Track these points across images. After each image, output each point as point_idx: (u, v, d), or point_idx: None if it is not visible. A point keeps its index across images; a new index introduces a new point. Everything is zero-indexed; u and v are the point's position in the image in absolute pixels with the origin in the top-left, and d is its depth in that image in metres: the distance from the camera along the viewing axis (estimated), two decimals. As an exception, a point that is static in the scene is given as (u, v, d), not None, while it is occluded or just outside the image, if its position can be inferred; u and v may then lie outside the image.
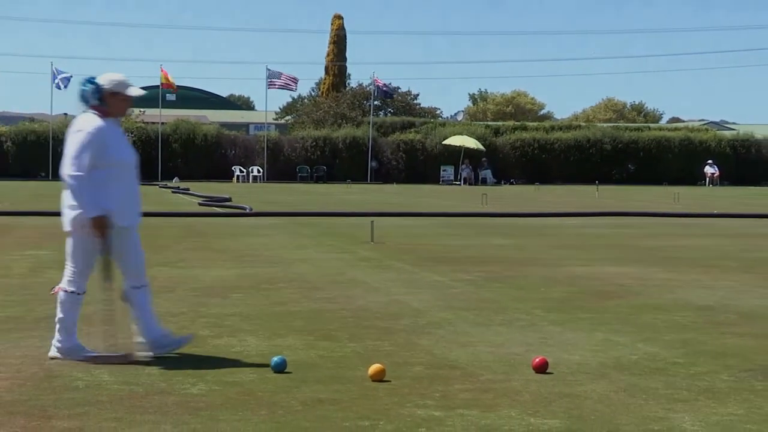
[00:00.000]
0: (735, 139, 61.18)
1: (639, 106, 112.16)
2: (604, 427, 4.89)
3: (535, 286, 10.43)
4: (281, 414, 5.09)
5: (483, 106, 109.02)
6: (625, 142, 58.94)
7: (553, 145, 58.50)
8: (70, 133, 6.47)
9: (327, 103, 67.81)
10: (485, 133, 58.69)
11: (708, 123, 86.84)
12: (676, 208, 27.96)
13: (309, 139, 57.25)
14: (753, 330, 7.82)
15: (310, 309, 8.62)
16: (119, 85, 6.55)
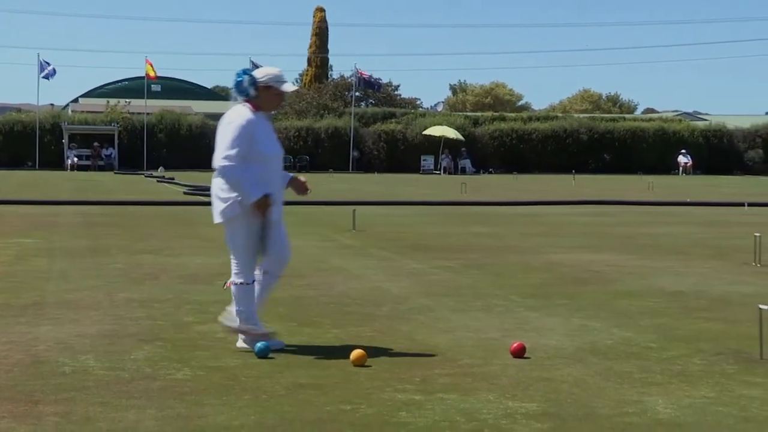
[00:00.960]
0: (707, 130, 61.61)
1: (614, 97, 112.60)
2: (580, 410, 4.99)
3: (513, 273, 10.56)
4: (265, 398, 5.18)
5: (462, 97, 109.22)
6: (601, 132, 59.26)
7: (530, 136, 58.75)
8: (222, 124, 6.41)
9: (309, 94, 67.84)
10: (464, 124, 58.88)
11: (681, 114, 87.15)
12: (650, 196, 28.16)
13: (292, 130, 57.28)
14: (724, 315, 7.97)
15: (293, 296, 8.72)
16: (274, 79, 6.48)
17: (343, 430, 4.60)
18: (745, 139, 60.46)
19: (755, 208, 23.35)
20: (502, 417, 4.84)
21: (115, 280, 9.71)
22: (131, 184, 33.73)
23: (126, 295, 8.77)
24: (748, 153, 59.58)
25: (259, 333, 6.38)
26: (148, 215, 18.81)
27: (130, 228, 15.96)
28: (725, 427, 4.70)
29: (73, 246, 13.01)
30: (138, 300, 8.48)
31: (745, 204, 23.84)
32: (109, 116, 55.83)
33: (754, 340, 6.35)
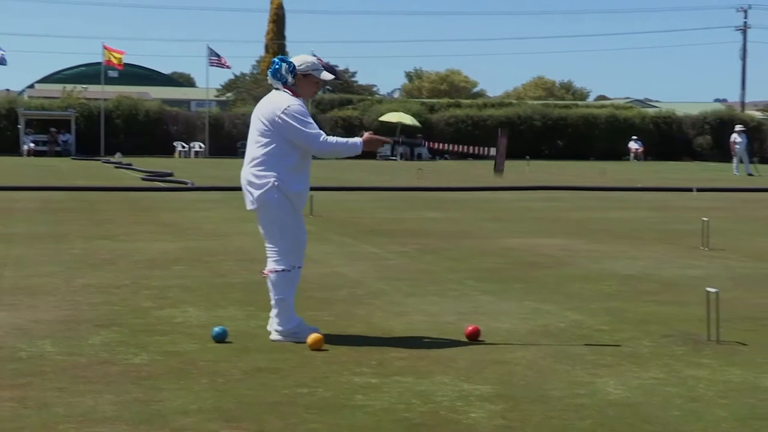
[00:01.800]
0: (658, 116, 62.23)
1: (567, 84, 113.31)
2: (533, 392, 5.09)
3: (468, 258, 10.66)
4: (222, 382, 5.22)
5: (418, 84, 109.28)
6: (555, 119, 59.61)
7: (485, 122, 58.92)
8: (266, 111, 6.32)
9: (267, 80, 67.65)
10: (421, 110, 58.95)
11: (632, 101, 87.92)
12: (602, 182, 28.41)
13: (250, 116, 56.89)
14: (673, 298, 8.11)
15: (251, 281, 8.76)
16: (312, 67, 6.43)
17: (300, 413, 4.66)
18: (694, 125, 61.09)
19: (704, 193, 23.66)
20: (457, 399, 4.92)
21: (73, 266, 9.68)
22: (88, 169, 33.42)
23: (84, 280, 8.76)
24: (697, 139, 60.22)
25: (310, 332, 6.19)
26: (106, 201, 18.71)
27: (87, 214, 15.87)
28: (673, 407, 4.82)
29: (30, 232, 12.93)
30: (96, 285, 8.47)
31: (694, 189, 24.15)
32: (66, 102, 55.25)
33: (702, 322, 6.48)
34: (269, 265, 6.34)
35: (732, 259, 10.80)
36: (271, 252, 6.35)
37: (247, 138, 6.49)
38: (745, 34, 72.22)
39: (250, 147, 6.38)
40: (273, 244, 6.34)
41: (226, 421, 4.51)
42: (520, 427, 4.46)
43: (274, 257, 6.32)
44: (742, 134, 37.82)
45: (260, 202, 6.30)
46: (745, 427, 4.48)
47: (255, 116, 6.42)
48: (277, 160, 6.25)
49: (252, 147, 6.36)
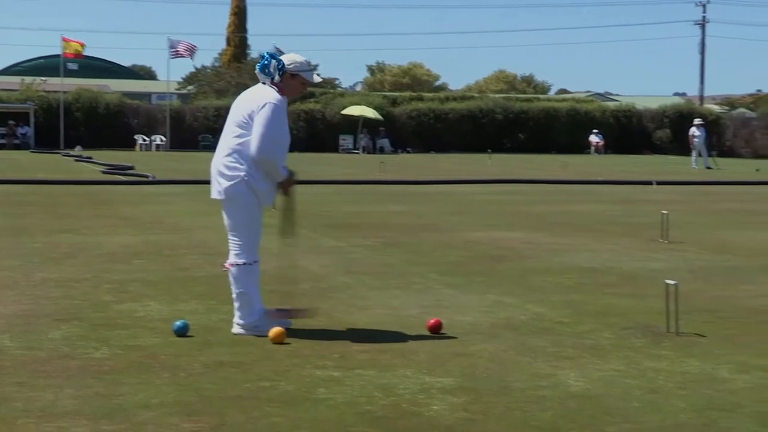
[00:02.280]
0: (618, 110, 62.75)
1: (529, 78, 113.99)
2: (495, 384, 5.12)
3: (431, 251, 10.69)
4: (184, 376, 5.21)
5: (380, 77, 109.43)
6: (516, 112, 59.88)
7: (447, 115, 59.09)
8: (248, 103, 6.26)
9: (229, 73, 67.36)
10: (383, 103, 58.96)
11: (593, 94, 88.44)
12: (563, 175, 28.61)
13: (211, 109, 56.85)
14: (633, 290, 8.19)
15: (213, 274, 8.72)
16: (301, 67, 6.36)
17: (262, 406, 4.66)
18: (653, 119, 61.62)
19: (663, 187, 23.89)
20: (419, 392, 4.94)
21: (33, 260, 9.61)
22: (48, 163, 33.14)
23: (44, 274, 8.69)
24: (657, 133, 60.74)
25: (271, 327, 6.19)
26: (66, 194, 18.57)
27: (47, 207, 15.74)
28: (633, 398, 4.86)
29: (-14, 226, 12.80)
30: (56, 279, 8.41)
31: (654, 182, 24.36)
32: (25, 94, 54.76)
33: (662, 314, 6.55)
34: (231, 258, 6.33)
35: (691, 251, 10.91)
36: (233, 245, 6.33)
37: (224, 128, 6.43)
38: (704, 29, 72.96)
39: (226, 137, 6.35)
40: (236, 238, 6.32)
41: (188, 415, 4.50)
42: (482, 420, 4.48)
43: (236, 250, 6.31)
44: (701, 128, 38.17)
45: (228, 195, 6.28)
46: (703, 417, 4.54)
47: (235, 107, 6.38)
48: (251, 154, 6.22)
49: (227, 137, 6.33)
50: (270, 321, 6.30)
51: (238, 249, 6.30)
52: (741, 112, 73.76)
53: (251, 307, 6.29)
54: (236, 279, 6.30)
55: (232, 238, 6.35)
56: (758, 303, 7.63)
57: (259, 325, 6.25)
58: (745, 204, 18.63)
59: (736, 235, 12.76)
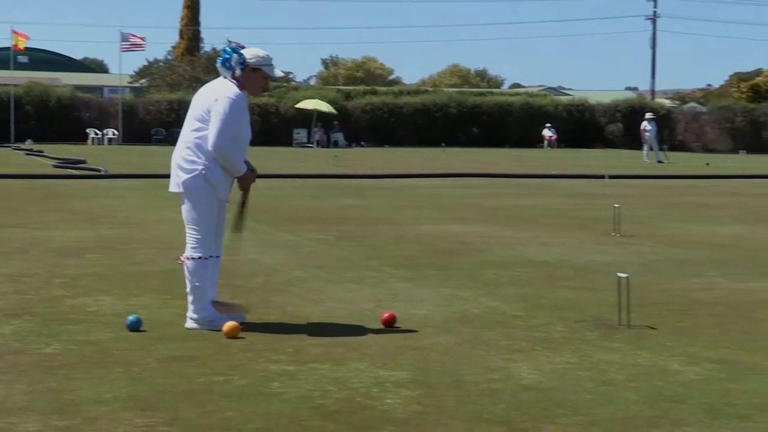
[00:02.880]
0: (571, 104, 63.27)
1: (482, 72, 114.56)
2: (449, 377, 5.14)
3: (385, 245, 10.70)
4: (137, 371, 5.18)
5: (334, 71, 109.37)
6: (470, 106, 60.12)
7: (401, 109, 59.20)
8: (206, 96, 6.21)
9: (182, 66, 66.96)
10: (337, 97, 58.97)
11: (546, 88, 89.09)
12: (517, 169, 28.76)
13: (164, 102, 56.56)
14: (586, 284, 8.26)
15: (166, 269, 8.67)
16: (263, 62, 6.30)
17: (216, 401, 4.65)
18: (606, 113, 62.15)
19: (615, 180, 24.10)
20: (373, 386, 4.95)
21: (-20, 255, 9.49)
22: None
23: (-8, 269, 8.59)
24: (609, 127, 61.28)
25: (224, 321, 6.17)
26: (17, 188, 18.36)
27: (-6, 201, 15.55)
28: (585, 390, 4.91)
29: (-66, 220, 12.62)
30: (6, 274, 8.32)
31: (606, 176, 24.57)
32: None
33: (614, 307, 6.61)
34: (186, 251, 6.31)
35: (642, 245, 11.02)
36: (190, 239, 6.31)
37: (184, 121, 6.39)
38: (655, 23, 73.67)
39: (185, 130, 6.33)
40: (193, 231, 6.30)
41: (141, 410, 4.47)
42: (435, 413, 4.50)
43: (193, 244, 6.29)
44: (652, 122, 38.55)
45: (186, 188, 6.26)
46: (654, 409, 4.59)
47: (195, 101, 6.34)
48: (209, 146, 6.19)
49: (186, 130, 6.31)
50: (223, 315, 6.28)
51: (195, 243, 6.28)
52: (691, 106, 74.68)
53: (205, 301, 6.26)
54: (191, 273, 6.27)
55: (189, 231, 6.32)
56: (708, 296, 7.73)
57: (213, 320, 6.23)
58: (695, 197, 18.85)
59: (687, 228, 12.91)
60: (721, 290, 7.99)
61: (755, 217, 14.64)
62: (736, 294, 7.81)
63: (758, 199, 18.80)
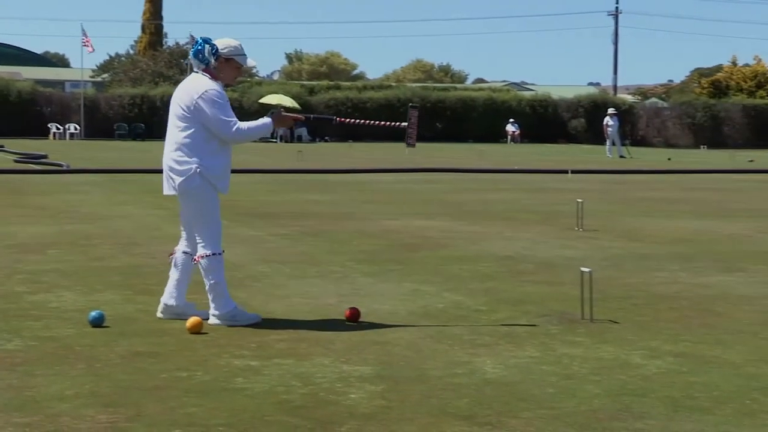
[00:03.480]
0: (534, 99, 63.50)
1: (446, 67, 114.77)
2: (412, 371, 5.15)
3: (348, 240, 10.70)
4: (99, 367, 5.15)
5: (298, 66, 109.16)
6: (433, 101, 60.18)
7: (365, 104, 59.18)
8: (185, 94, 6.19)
9: (144, 61, 66.55)
10: (300, 92, 58.86)
11: (509, 84, 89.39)
12: (480, 164, 28.85)
13: (126, 97, 56.22)
14: (549, 278, 8.30)
15: (129, 264, 8.63)
16: (235, 51, 6.30)
17: (179, 396, 4.63)
18: (568, 108, 62.44)
19: (578, 175, 24.23)
20: (337, 381, 4.95)
21: (-61, 251, 9.38)
22: (-46, 151, 32.36)
23: (-49, 265, 8.50)
24: (572, 122, 61.58)
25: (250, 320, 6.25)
26: (-26, 183, 18.17)
27: (-47, 196, 15.38)
28: (548, 384, 4.93)
29: None
30: (-36, 270, 8.23)
31: (569, 171, 24.69)
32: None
33: (576, 301, 6.65)
34: (199, 250, 6.30)
35: (605, 239, 11.09)
36: (198, 238, 6.30)
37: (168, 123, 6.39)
38: (617, 19, 74.01)
39: (171, 132, 6.31)
40: (199, 231, 6.29)
41: (104, 406, 4.45)
42: (399, 407, 4.51)
43: (202, 243, 6.29)
44: (614, 117, 38.79)
45: (182, 190, 6.23)
46: (617, 402, 4.62)
47: (174, 101, 6.34)
48: (199, 144, 6.20)
49: (172, 132, 6.29)
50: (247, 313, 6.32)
51: (203, 241, 6.28)
52: (653, 102, 75.23)
53: (225, 297, 6.28)
54: (206, 271, 6.27)
55: (196, 231, 6.31)
56: (670, 290, 7.79)
57: (235, 315, 6.24)
58: (657, 192, 19.00)
59: (648, 223, 13.01)
60: (681, 284, 8.06)
61: (715, 212, 14.77)
62: (696, 288, 7.88)
63: (718, 193, 18.98)
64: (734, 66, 70.96)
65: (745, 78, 68.10)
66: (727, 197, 18.05)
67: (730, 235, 11.74)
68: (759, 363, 5.40)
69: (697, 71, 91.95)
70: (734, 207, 15.77)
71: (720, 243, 10.94)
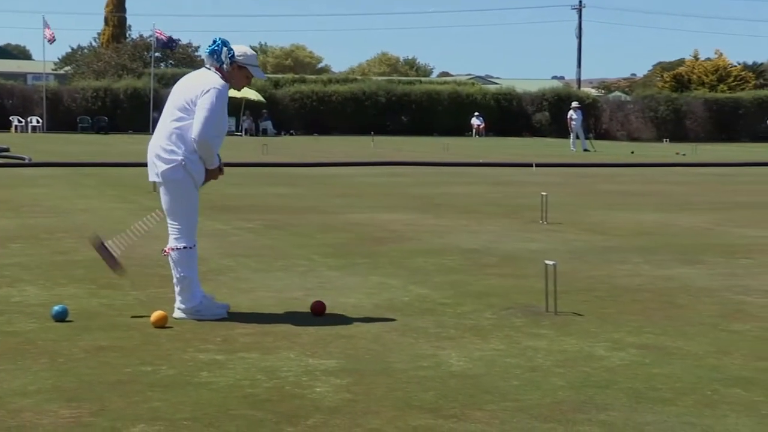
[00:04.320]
0: (498, 93, 63.78)
1: (411, 60, 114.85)
2: (378, 365, 5.15)
3: (314, 233, 10.69)
4: (62, 362, 5.12)
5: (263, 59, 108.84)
6: (399, 95, 60.28)
7: (330, 98, 59.14)
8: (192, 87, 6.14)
9: (107, 53, 66.10)
10: (266, 86, 58.64)
11: (474, 77, 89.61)
12: (445, 157, 28.90)
13: (89, 90, 55.84)
14: (513, 271, 8.34)
15: (92, 258, 8.53)
16: (250, 61, 6.28)
17: (144, 391, 4.61)
18: (533, 102, 62.72)
19: (542, 169, 24.34)
20: (303, 374, 4.95)
21: None
22: None
23: None
24: (536, 116, 61.87)
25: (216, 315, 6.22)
26: (-66, 177, 17.98)
27: None
28: (513, 377, 4.96)
29: None
30: (-75, 265, 8.14)
31: (534, 164, 24.80)
32: None
33: (541, 294, 6.69)
34: (170, 242, 6.27)
35: (569, 232, 11.15)
36: (172, 229, 6.27)
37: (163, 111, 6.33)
38: (581, 13, 74.36)
39: (165, 120, 6.26)
40: (175, 222, 6.27)
41: (67, 401, 4.42)
42: (364, 400, 4.52)
43: (176, 234, 6.26)
44: (578, 111, 39.01)
45: (165, 179, 6.20)
46: (581, 394, 4.66)
47: (177, 90, 6.28)
48: (189, 137, 6.15)
49: (166, 120, 6.24)
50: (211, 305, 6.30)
51: (178, 233, 6.25)
52: (617, 95, 75.73)
53: (192, 291, 6.24)
54: (177, 263, 6.24)
55: (171, 222, 6.29)
56: (633, 282, 7.85)
57: (200, 310, 6.21)
58: (620, 185, 19.13)
59: (612, 215, 13.09)
60: (644, 277, 8.12)
61: (677, 205, 14.90)
62: (658, 280, 7.95)
63: (680, 186, 19.14)
64: (696, 60, 71.61)
65: (707, 72, 68.75)
66: (689, 190, 18.20)
67: (692, 227, 11.85)
68: (719, 354, 5.46)
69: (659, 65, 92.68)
70: (695, 200, 15.91)
71: (681, 236, 11.03)
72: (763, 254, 9.50)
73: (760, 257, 9.30)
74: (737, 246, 10.08)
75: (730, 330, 6.12)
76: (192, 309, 6.22)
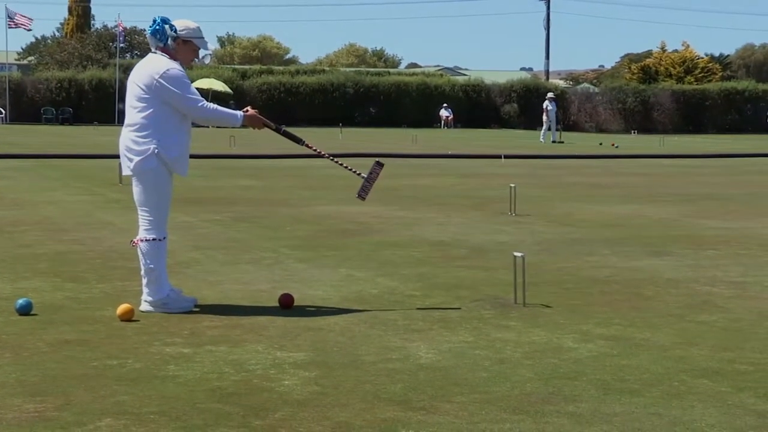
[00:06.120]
0: (467, 84, 63.90)
1: (380, 52, 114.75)
2: (346, 357, 5.14)
3: (282, 226, 10.66)
4: (27, 356, 5.06)
5: (230, 50, 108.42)
6: (367, 86, 60.27)
7: (298, 89, 59.05)
8: (143, 75, 6.09)
9: (71, 44, 65.53)
10: (232, 77, 58.52)
11: (443, 69, 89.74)
12: (414, 149, 28.91)
13: (53, 81, 55.42)
14: (482, 263, 8.34)
15: (57, 251, 8.49)
16: (194, 34, 6.23)
17: (110, 384, 4.57)
18: (501, 93, 62.91)
19: (511, 160, 24.40)
20: (271, 367, 4.92)
21: None
22: None
23: None
24: (504, 107, 62.05)
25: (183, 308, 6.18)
26: None
27: None
28: (482, 368, 4.96)
29: None
30: None
31: (502, 156, 24.85)
32: None
33: (509, 286, 6.69)
34: (140, 233, 6.22)
35: (537, 224, 11.18)
36: (143, 220, 6.22)
37: (125, 103, 6.31)
38: (549, 4, 74.53)
39: (129, 112, 6.21)
40: (146, 213, 6.22)
41: (31, 396, 4.37)
42: (333, 393, 4.50)
43: (146, 226, 6.22)
44: (553, 101, 39.12)
45: (137, 170, 6.15)
46: (549, 385, 4.66)
47: (131, 81, 6.24)
48: (157, 124, 6.12)
49: (130, 112, 6.19)
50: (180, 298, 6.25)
51: (148, 224, 6.21)
52: (585, 87, 75.99)
53: (159, 283, 6.19)
54: (145, 255, 6.20)
55: (141, 213, 6.24)
56: (601, 274, 7.88)
57: (167, 302, 6.17)
58: (588, 177, 19.21)
59: (580, 207, 13.14)
60: (612, 268, 8.15)
61: (643, 196, 14.98)
62: (626, 272, 7.98)
63: (646, 178, 19.24)
64: (663, 52, 72.05)
65: (674, 64, 69.18)
66: (656, 182, 18.31)
67: (659, 219, 11.92)
68: (686, 345, 5.48)
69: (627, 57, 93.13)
70: (662, 191, 16.00)
71: (649, 227, 11.09)
72: (729, 245, 9.56)
73: (726, 248, 9.36)
74: (704, 237, 10.15)
75: (697, 321, 6.15)
76: (159, 301, 6.18)
